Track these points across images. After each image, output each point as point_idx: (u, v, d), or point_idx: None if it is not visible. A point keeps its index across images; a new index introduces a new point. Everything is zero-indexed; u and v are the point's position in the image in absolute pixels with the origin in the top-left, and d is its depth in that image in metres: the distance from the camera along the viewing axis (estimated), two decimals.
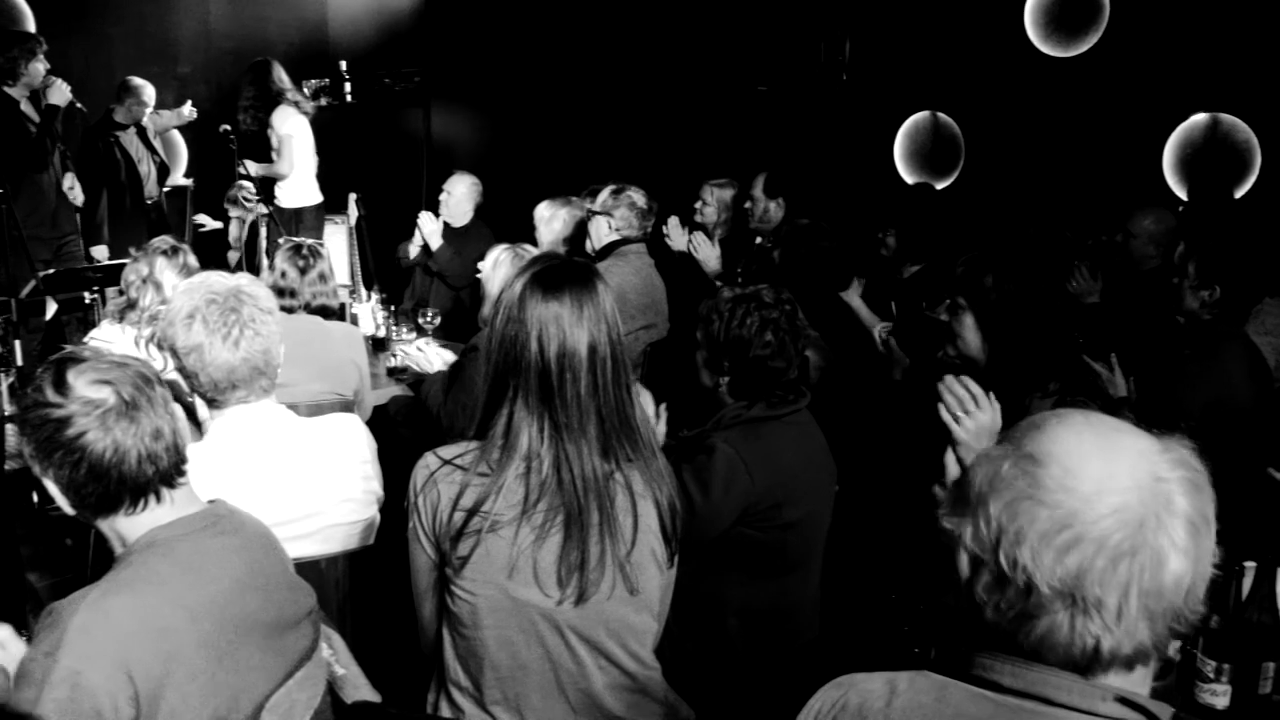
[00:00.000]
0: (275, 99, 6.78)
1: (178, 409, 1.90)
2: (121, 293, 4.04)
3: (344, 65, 7.39)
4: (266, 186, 6.89)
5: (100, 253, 7.12)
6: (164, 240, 4.04)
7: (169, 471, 1.84)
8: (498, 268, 3.96)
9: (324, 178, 7.26)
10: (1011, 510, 1.22)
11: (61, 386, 1.78)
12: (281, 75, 6.95)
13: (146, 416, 1.81)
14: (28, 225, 6.22)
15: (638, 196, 4.89)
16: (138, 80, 7.19)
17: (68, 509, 1.86)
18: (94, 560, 3.86)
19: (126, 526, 1.84)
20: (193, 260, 4.01)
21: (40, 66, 6.38)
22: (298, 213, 6.96)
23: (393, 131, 6.95)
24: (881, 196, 6.19)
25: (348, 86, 7.39)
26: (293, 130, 6.85)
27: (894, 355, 4.22)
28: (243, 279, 2.58)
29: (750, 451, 2.73)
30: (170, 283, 3.86)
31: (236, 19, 8.99)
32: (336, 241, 6.44)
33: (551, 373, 2.00)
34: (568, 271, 2.09)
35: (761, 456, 2.73)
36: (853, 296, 4.54)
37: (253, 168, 6.65)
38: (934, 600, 2.58)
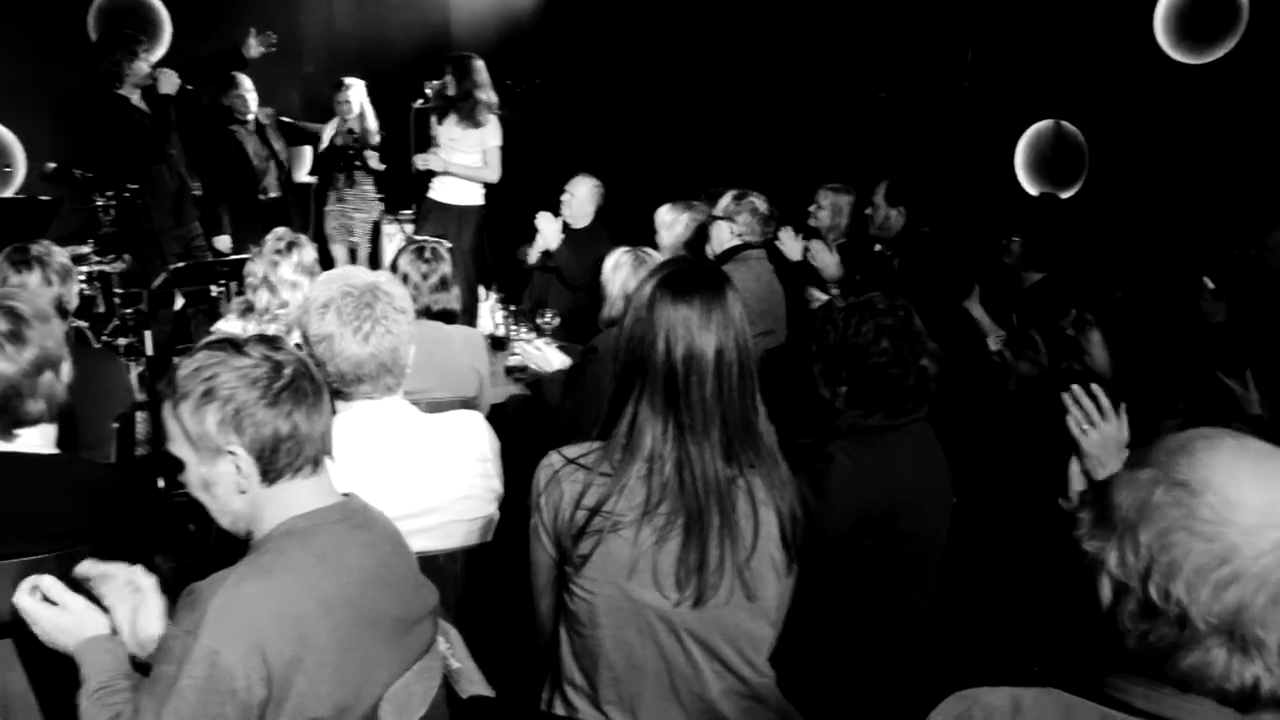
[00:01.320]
0: (467, 98, 6.82)
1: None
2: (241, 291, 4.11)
3: None
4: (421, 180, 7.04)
5: (223, 243, 7.33)
6: (280, 236, 4.02)
7: (319, 455, 1.95)
8: (618, 270, 3.98)
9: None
10: (1164, 541, 1.19)
11: (242, 349, 1.89)
12: (481, 74, 6.90)
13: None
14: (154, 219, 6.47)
15: (759, 202, 4.89)
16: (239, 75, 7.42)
17: (239, 503, 1.93)
18: (216, 545, 3.99)
19: (273, 506, 1.90)
20: (309, 255, 4.02)
21: (143, 65, 6.59)
22: (463, 211, 6.98)
23: (515, 132, 7.04)
24: (1003, 205, 6.09)
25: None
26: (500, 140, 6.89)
27: (1009, 365, 4.15)
28: (381, 276, 2.65)
29: (867, 460, 2.70)
30: (287, 279, 3.91)
31: (360, 19, 9.20)
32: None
33: (678, 375, 2.02)
34: (698, 276, 2.10)
35: (878, 466, 2.70)
36: (974, 305, 4.48)
37: (459, 167, 6.78)
38: (1057, 619, 2.54)
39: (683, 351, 2.02)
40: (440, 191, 6.95)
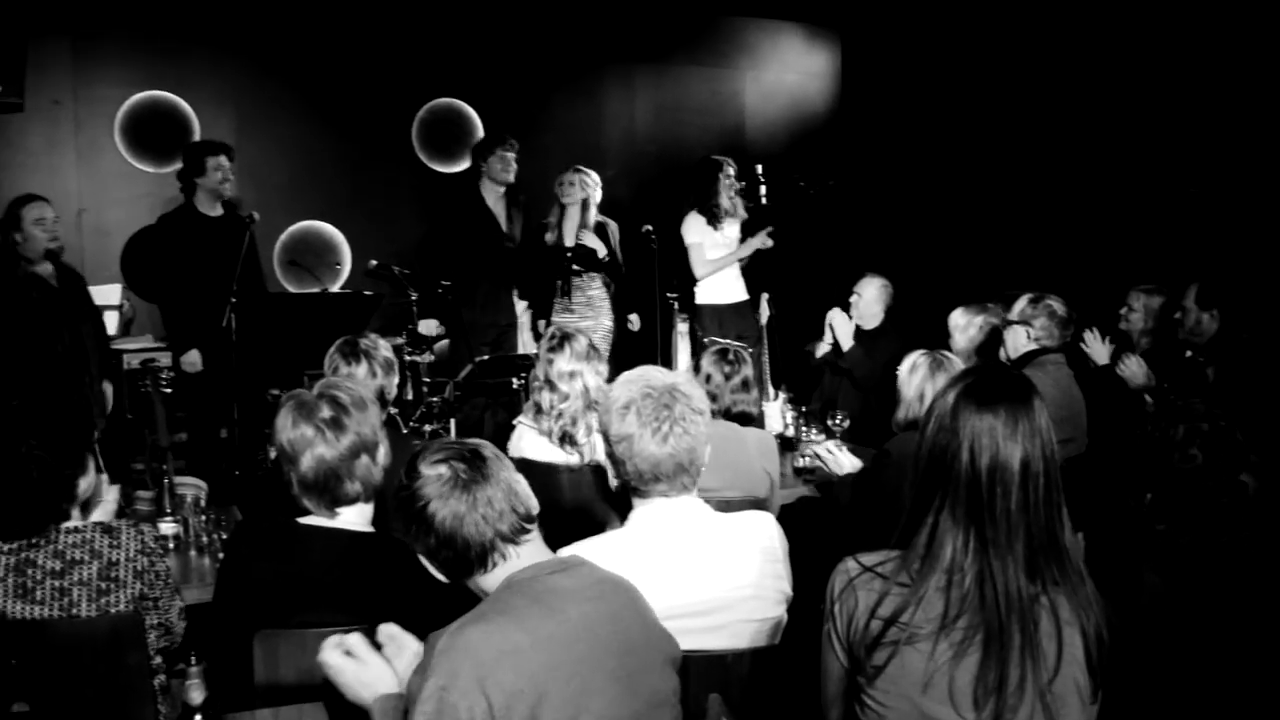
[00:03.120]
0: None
1: (518, 478, 2.19)
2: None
3: (760, 169, 7.64)
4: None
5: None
6: (553, 335, 4.08)
7: (510, 532, 2.10)
8: (915, 372, 3.92)
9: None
10: None
11: (413, 471, 2.14)
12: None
13: (480, 488, 2.09)
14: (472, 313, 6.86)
15: (1057, 305, 4.73)
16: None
17: (440, 577, 2.18)
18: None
19: (486, 582, 2.12)
20: (582, 343, 4.01)
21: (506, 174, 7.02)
22: (716, 309, 7.14)
23: (804, 232, 7.12)
24: None
25: (763, 189, 7.60)
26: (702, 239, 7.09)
27: None
28: (680, 377, 2.71)
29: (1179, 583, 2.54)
30: (565, 370, 3.95)
31: (659, 124, 9.58)
32: None
33: (982, 485, 1.97)
34: (1004, 383, 2.05)
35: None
36: None
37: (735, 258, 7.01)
38: None
39: (987, 462, 1.97)
40: (708, 294, 7.12)
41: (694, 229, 7.09)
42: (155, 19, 7.88)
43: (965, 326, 5.05)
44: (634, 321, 7.31)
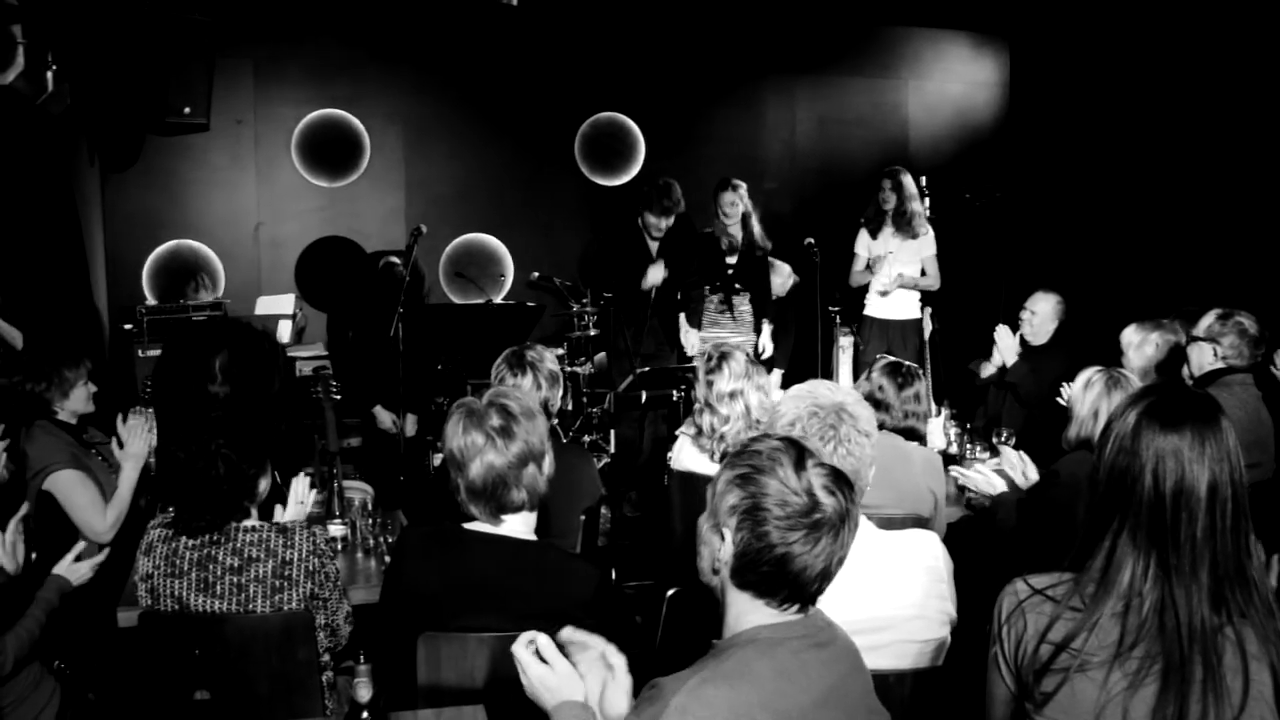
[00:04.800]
0: (904, 211, 6.97)
1: None
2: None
3: (924, 181, 7.52)
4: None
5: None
6: (710, 355, 4.05)
7: (822, 591, 1.95)
8: (1089, 388, 3.78)
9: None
10: None
11: (801, 467, 1.92)
12: (914, 186, 7.09)
13: (841, 539, 1.91)
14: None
15: (1248, 323, 4.51)
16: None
17: (711, 568, 1.99)
18: (662, 641, 4.14)
19: (746, 609, 1.94)
20: (739, 361, 3.98)
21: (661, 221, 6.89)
22: (904, 325, 7.11)
23: (969, 245, 6.96)
24: None
25: (928, 202, 7.49)
26: (935, 249, 7.04)
27: None
28: (848, 396, 2.68)
29: None
30: (724, 391, 3.92)
31: (821, 137, 9.51)
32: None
33: (1165, 510, 1.89)
34: (1188, 403, 1.97)
35: None
36: None
37: (908, 279, 6.95)
38: None
39: (1172, 486, 1.89)
40: (878, 308, 7.04)
41: (858, 239, 7.19)
42: (330, 42, 8.21)
43: (1140, 344, 4.85)
44: (765, 346, 7.23)
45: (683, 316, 7.06)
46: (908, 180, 6.99)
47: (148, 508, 4.21)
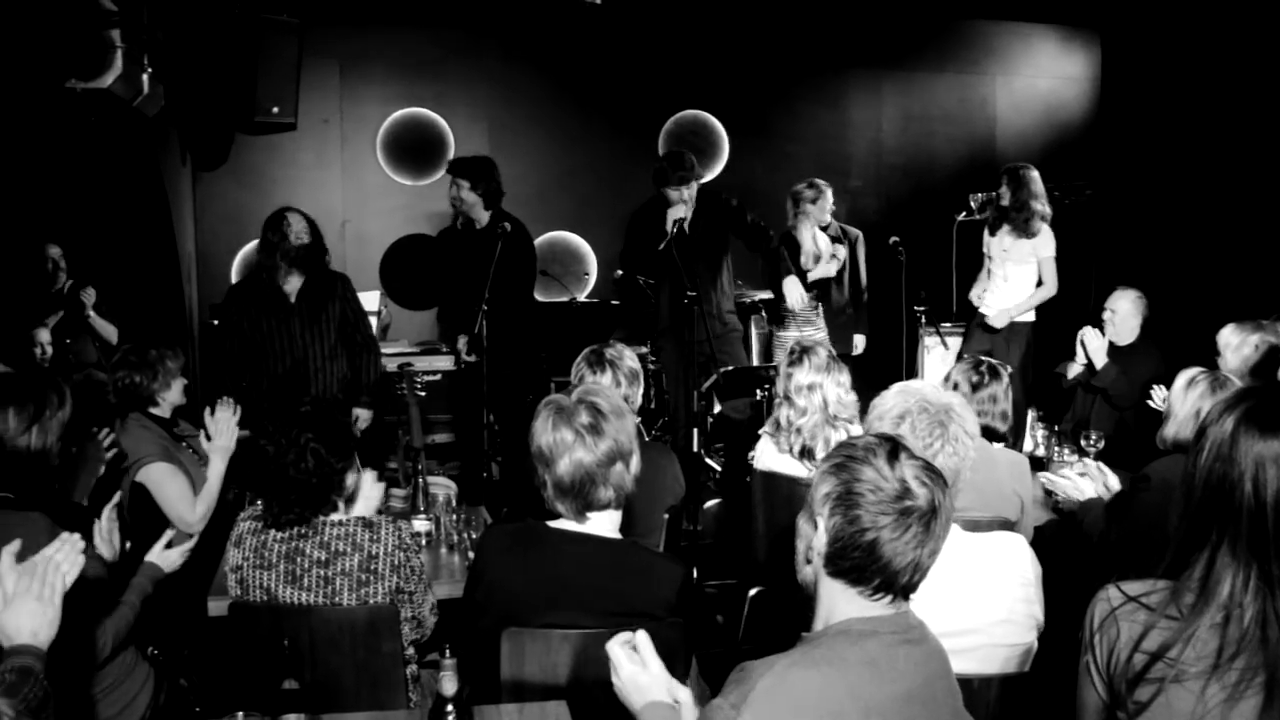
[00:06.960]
0: (1022, 209, 6.66)
1: None
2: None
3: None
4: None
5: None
6: (792, 349, 4.11)
7: (914, 585, 1.93)
8: (1192, 388, 3.69)
9: None
10: None
11: (895, 459, 1.92)
12: (1037, 184, 6.72)
13: (932, 530, 1.90)
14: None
15: None
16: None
17: (805, 559, 1.99)
18: (743, 638, 4.13)
19: (839, 600, 1.94)
20: (821, 355, 4.03)
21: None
22: (1012, 328, 6.79)
23: (1058, 245, 6.82)
24: None
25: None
26: (1053, 250, 6.72)
27: None
28: (954, 398, 2.67)
29: None
30: (803, 383, 3.97)
31: (907, 135, 9.42)
32: None
33: (1268, 520, 1.82)
34: None
35: None
36: None
37: (1017, 309, 6.71)
38: None
39: (1273, 494, 1.83)
40: (988, 307, 6.85)
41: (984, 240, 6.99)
42: (414, 41, 8.31)
43: (1239, 345, 4.71)
44: (858, 344, 7.13)
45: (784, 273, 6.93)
46: (1027, 176, 6.66)
47: (235, 500, 4.29)
